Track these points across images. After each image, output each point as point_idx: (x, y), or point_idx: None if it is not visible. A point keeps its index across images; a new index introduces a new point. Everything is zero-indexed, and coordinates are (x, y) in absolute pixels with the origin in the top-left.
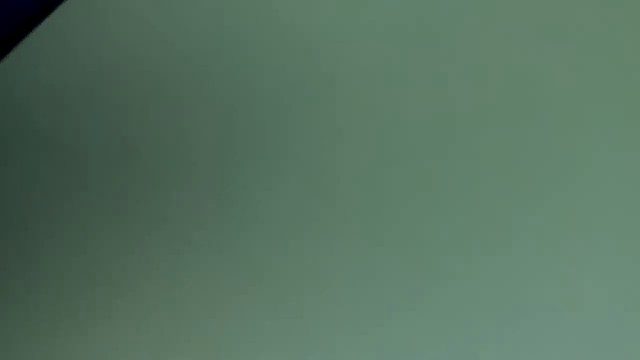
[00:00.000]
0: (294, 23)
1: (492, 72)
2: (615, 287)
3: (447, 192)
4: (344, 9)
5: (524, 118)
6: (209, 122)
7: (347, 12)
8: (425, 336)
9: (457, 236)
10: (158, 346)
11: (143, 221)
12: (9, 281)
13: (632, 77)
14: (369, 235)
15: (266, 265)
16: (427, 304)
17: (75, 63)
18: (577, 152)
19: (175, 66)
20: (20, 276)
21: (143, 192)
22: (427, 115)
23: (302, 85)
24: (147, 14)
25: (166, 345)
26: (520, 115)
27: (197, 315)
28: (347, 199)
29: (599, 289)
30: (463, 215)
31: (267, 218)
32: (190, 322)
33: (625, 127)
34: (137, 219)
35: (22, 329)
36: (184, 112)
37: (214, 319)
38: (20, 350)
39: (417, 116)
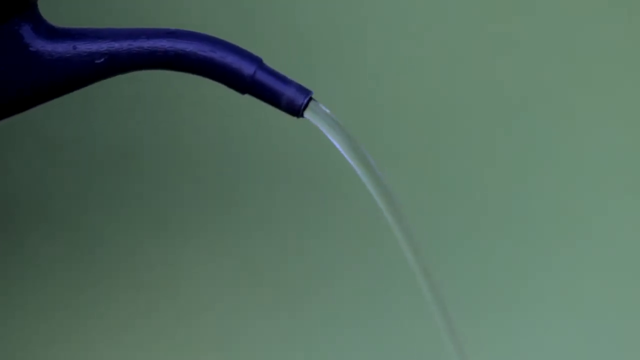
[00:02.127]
0: (295, 22)
1: (493, 71)
2: (616, 286)
3: (447, 191)
4: (345, 9)
5: (525, 117)
6: (210, 122)
7: (347, 12)
8: (425, 335)
9: (456, 235)
10: (158, 346)
11: (143, 221)
12: (8, 281)
13: (632, 76)
14: (369, 235)
15: (266, 266)
16: (427, 303)
17: None
18: (577, 151)
19: None
20: (20, 276)
21: (143, 192)
22: (427, 115)
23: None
24: (148, 12)
25: (166, 345)
26: (520, 114)
27: (197, 315)
28: (347, 199)
29: (599, 287)
30: (462, 215)
31: (267, 218)
32: (190, 321)
33: (625, 127)
34: (136, 219)
35: (22, 329)
36: (185, 112)
37: (215, 319)
38: (20, 350)
39: (417, 116)
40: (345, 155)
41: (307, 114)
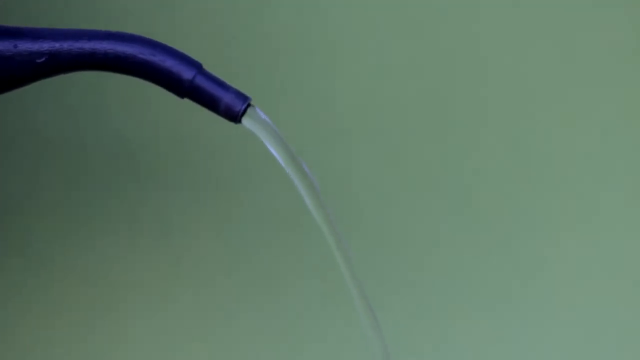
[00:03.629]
0: (295, 22)
1: (493, 71)
2: (615, 285)
3: (446, 191)
4: (345, 8)
5: (524, 117)
6: (209, 122)
7: (348, 12)
8: (425, 335)
9: (456, 235)
10: (157, 346)
11: (143, 221)
12: (5, 280)
13: (632, 76)
14: (368, 235)
15: (266, 266)
16: (427, 303)
17: None
18: (576, 151)
19: None
20: (21, 275)
21: (143, 192)
22: (428, 115)
23: (303, 85)
24: (148, 12)
25: (166, 344)
26: (520, 114)
27: (196, 315)
28: (347, 199)
29: (599, 287)
30: (462, 215)
31: (267, 218)
32: (189, 321)
33: (625, 126)
34: (137, 218)
35: (22, 329)
36: (184, 112)
37: (214, 319)
38: (21, 350)
39: (417, 116)
40: (281, 162)
41: (245, 120)
